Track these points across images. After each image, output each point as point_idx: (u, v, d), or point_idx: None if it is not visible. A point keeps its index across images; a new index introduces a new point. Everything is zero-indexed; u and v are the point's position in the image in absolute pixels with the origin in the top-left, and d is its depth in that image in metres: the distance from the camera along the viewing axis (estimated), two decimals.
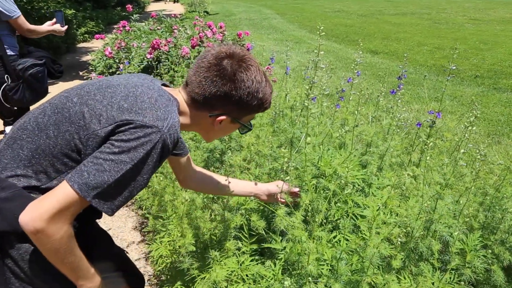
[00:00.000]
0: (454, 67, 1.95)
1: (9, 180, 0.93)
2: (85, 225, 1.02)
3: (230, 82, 1.02)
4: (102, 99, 0.95)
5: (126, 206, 2.95)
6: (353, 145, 2.00)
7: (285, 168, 1.27)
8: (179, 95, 1.08)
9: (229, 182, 1.45)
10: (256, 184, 1.51)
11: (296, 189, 1.53)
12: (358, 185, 1.76)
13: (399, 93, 2.24)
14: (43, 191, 0.94)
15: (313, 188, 1.62)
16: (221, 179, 1.46)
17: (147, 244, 2.56)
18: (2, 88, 2.82)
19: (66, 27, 3.14)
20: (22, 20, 2.95)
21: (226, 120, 1.09)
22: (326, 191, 1.52)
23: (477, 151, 1.83)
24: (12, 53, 2.90)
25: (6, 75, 2.82)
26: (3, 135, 3.61)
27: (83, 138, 0.92)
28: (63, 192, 0.85)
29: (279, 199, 1.50)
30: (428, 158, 1.50)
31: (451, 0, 31.94)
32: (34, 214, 0.82)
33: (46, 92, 3.08)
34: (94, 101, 0.95)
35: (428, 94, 5.87)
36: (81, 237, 0.96)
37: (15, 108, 3.06)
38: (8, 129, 3.34)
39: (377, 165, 1.86)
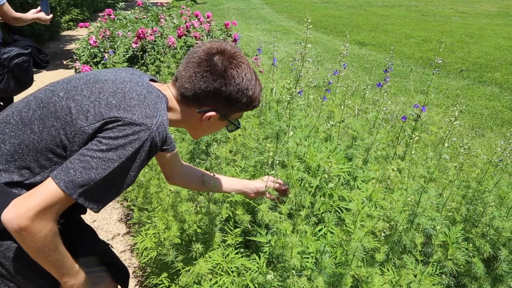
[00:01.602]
0: (440, 61, 1.96)
1: None
2: (69, 220, 1.00)
3: (220, 78, 1.01)
4: (89, 94, 0.92)
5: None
6: (339, 137, 2.01)
7: (270, 162, 1.26)
8: (168, 91, 1.06)
9: (217, 179, 1.44)
10: (244, 181, 1.50)
11: (285, 187, 1.52)
12: (344, 178, 1.76)
13: (385, 86, 2.25)
14: (26, 186, 0.91)
15: (298, 182, 1.61)
16: (209, 175, 1.44)
17: (132, 236, 2.54)
18: None
19: (51, 15, 3.06)
20: (8, 8, 2.85)
21: (214, 116, 1.07)
22: (311, 185, 1.52)
23: (461, 144, 1.85)
24: None
25: None
26: None
27: (69, 134, 0.89)
28: (48, 190, 0.84)
29: (267, 195, 1.49)
30: (413, 152, 1.51)
31: None
32: (18, 212, 0.80)
33: (31, 82, 2.96)
34: (81, 96, 0.92)
35: (414, 87, 5.92)
36: (65, 232, 0.94)
37: None
38: None
39: (362, 158, 1.87)
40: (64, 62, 4.04)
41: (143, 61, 3.57)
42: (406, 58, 7.94)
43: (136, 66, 3.50)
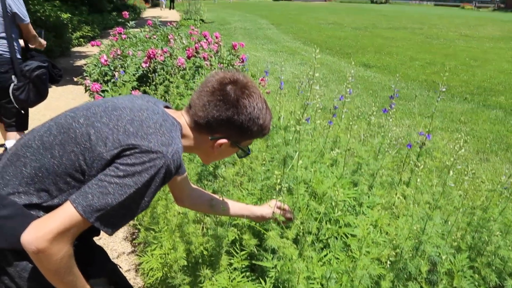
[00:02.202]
0: (444, 89, 2.00)
1: (10, 197, 0.94)
2: (83, 242, 1.03)
3: (233, 107, 1.05)
4: (108, 121, 0.96)
5: None
6: (345, 162, 2.03)
7: (277, 189, 1.29)
8: (182, 118, 1.10)
9: (225, 203, 1.47)
10: (250, 207, 1.53)
11: (289, 215, 1.55)
12: (349, 203, 1.79)
13: (390, 112, 2.29)
14: (43, 208, 0.95)
15: (305, 207, 1.64)
16: (218, 200, 1.47)
17: (137, 255, 2.55)
18: (11, 88, 2.93)
19: (45, 43, 3.38)
20: (31, 26, 3.12)
21: (226, 144, 1.11)
22: (317, 212, 1.55)
23: (466, 171, 1.87)
24: (19, 57, 3.04)
25: (13, 75, 2.95)
26: (2, 148, 3.59)
27: (88, 159, 0.93)
28: (67, 214, 0.87)
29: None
30: (418, 180, 1.53)
31: (442, 15, 32.52)
32: (37, 234, 0.83)
33: (47, 94, 3.18)
34: (100, 123, 0.96)
35: (419, 110, 5.96)
36: (79, 254, 0.97)
37: (16, 110, 3.12)
38: (8, 143, 3.35)
39: (368, 183, 1.90)
40: (75, 79, 4.12)
41: (153, 82, 3.64)
42: (410, 81, 8.01)
43: (146, 85, 3.57)
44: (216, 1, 52.89)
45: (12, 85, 2.93)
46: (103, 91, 3.92)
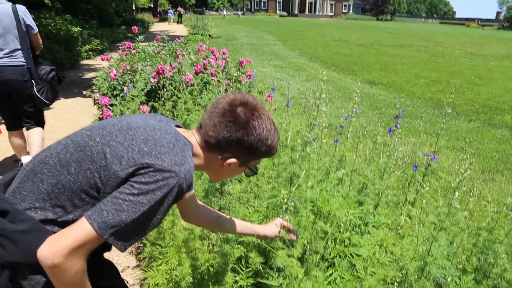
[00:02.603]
0: (449, 111, 2.03)
1: (26, 212, 0.97)
2: (95, 258, 1.05)
3: (243, 128, 1.08)
4: (123, 141, 1.00)
5: None
6: (351, 182, 2.05)
7: (284, 208, 1.32)
8: (193, 137, 1.14)
9: (232, 221, 1.50)
10: (254, 227, 1.56)
11: (293, 236, 1.57)
12: (355, 223, 1.80)
13: (396, 132, 2.31)
14: (58, 224, 0.97)
15: (311, 226, 1.65)
16: (225, 217, 1.50)
17: (142, 270, 2.56)
18: (35, 92, 3.31)
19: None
20: (38, 35, 3.44)
21: (235, 163, 1.14)
22: (323, 231, 1.56)
23: (471, 192, 1.88)
24: (33, 64, 3.37)
25: (32, 81, 3.31)
26: (19, 163, 3.80)
27: (104, 177, 0.96)
28: (82, 229, 0.89)
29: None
30: (423, 201, 1.55)
31: (447, 33, 32.73)
32: (53, 249, 0.86)
33: (58, 93, 3.62)
34: (116, 142, 0.99)
35: (424, 128, 5.97)
36: (91, 269, 0.99)
37: (35, 111, 3.53)
38: (24, 159, 3.63)
39: (373, 203, 1.91)
40: (84, 93, 4.19)
41: (161, 96, 3.70)
42: (416, 99, 8.04)
43: (154, 100, 3.63)
44: (226, 17, 53.87)
45: (35, 89, 3.32)
46: (111, 105, 3.98)
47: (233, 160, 1.13)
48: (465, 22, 62.94)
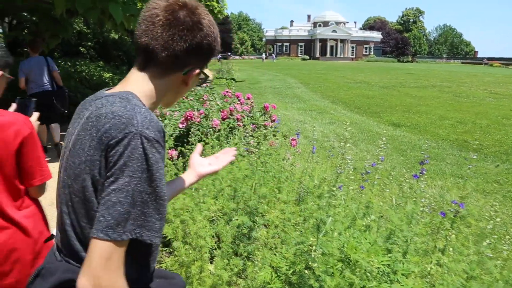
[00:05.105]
0: (475, 156, 2.04)
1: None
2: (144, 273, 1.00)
3: (199, 31, 0.97)
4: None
5: None
6: (378, 228, 2.06)
7: (313, 255, 1.35)
8: (130, 85, 0.99)
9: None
10: (175, 186, 1.29)
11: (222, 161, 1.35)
12: (383, 271, 1.79)
13: (422, 178, 2.32)
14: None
15: (339, 273, 1.66)
16: None
17: None
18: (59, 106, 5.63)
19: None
20: (57, 73, 5.67)
21: (196, 73, 1.03)
22: (350, 282, 1.57)
23: (504, 239, 1.85)
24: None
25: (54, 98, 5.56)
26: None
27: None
28: (97, 248, 0.83)
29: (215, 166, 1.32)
30: (451, 249, 1.55)
31: (471, 73, 32.60)
32: (89, 281, 0.82)
33: (68, 105, 5.91)
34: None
35: (451, 171, 5.88)
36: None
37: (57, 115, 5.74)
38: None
39: (402, 250, 1.90)
40: None
41: (189, 141, 3.84)
42: (441, 140, 7.96)
43: (182, 146, 3.76)
44: (265, 61, 56.38)
45: (54, 101, 5.57)
46: None
47: (196, 70, 1.02)
48: (487, 62, 62.70)
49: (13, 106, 1.69)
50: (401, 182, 2.54)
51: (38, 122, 1.67)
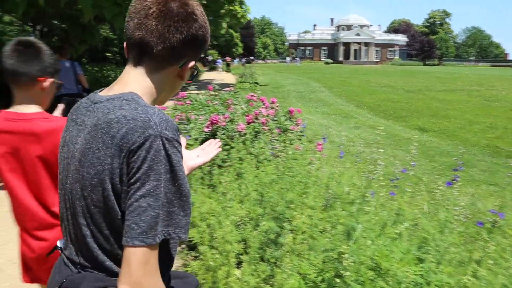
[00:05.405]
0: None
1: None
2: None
3: (193, 22, 0.95)
4: None
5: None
6: (410, 237, 1.99)
7: (345, 264, 1.31)
8: (129, 85, 0.96)
9: None
10: None
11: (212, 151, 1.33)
12: (416, 281, 1.73)
13: (456, 185, 2.24)
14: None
15: (370, 282, 1.62)
16: None
17: None
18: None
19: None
20: (83, 76, 5.99)
21: (191, 66, 1.00)
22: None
23: None
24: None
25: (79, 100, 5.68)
26: None
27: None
28: (134, 255, 0.82)
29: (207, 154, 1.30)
30: (490, 261, 1.48)
31: (501, 76, 31.59)
32: (129, 283, 0.82)
33: None
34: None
35: (483, 178, 5.68)
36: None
37: None
38: None
39: (435, 260, 1.84)
40: None
41: None
42: (470, 146, 7.72)
43: None
44: (299, 64, 57.64)
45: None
46: None
47: (191, 62, 0.99)
48: None
49: (60, 106, 1.72)
50: (431, 189, 2.47)
51: None
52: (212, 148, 1.33)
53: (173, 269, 1.08)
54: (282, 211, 2.27)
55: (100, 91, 0.99)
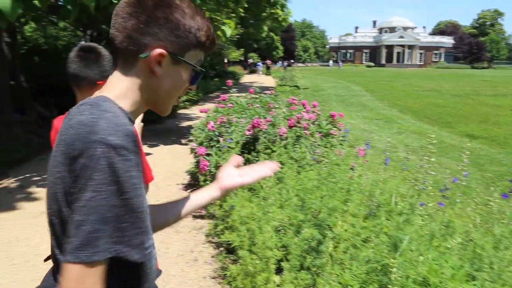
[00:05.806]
0: None
1: None
2: None
3: (164, 7, 0.86)
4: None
5: (213, 278, 3.01)
6: (461, 251, 1.89)
7: (393, 278, 1.26)
8: (107, 85, 0.90)
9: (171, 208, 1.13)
10: (194, 199, 1.14)
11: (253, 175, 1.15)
12: None
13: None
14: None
15: None
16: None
17: None
18: None
19: None
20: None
21: (166, 57, 0.87)
22: None
23: None
24: None
25: None
26: None
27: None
28: (67, 272, 0.75)
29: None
30: None
31: None
32: None
33: None
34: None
35: None
36: None
37: None
38: None
39: (490, 279, 1.73)
40: (183, 142, 4.54)
41: (255, 148, 3.85)
42: None
43: (248, 153, 3.79)
44: (342, 67, 57.77)
45: None
46: (208, 154, 4.25)
47: (159, 50, 0.85)
48: None
49: None
50: (485, 201, 2.34)
51: (142, 124, 1.74)
52: (263, 169, 1.14)
53: (210, 271, 0.98)
54: (324, 218, 2.22)
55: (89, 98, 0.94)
